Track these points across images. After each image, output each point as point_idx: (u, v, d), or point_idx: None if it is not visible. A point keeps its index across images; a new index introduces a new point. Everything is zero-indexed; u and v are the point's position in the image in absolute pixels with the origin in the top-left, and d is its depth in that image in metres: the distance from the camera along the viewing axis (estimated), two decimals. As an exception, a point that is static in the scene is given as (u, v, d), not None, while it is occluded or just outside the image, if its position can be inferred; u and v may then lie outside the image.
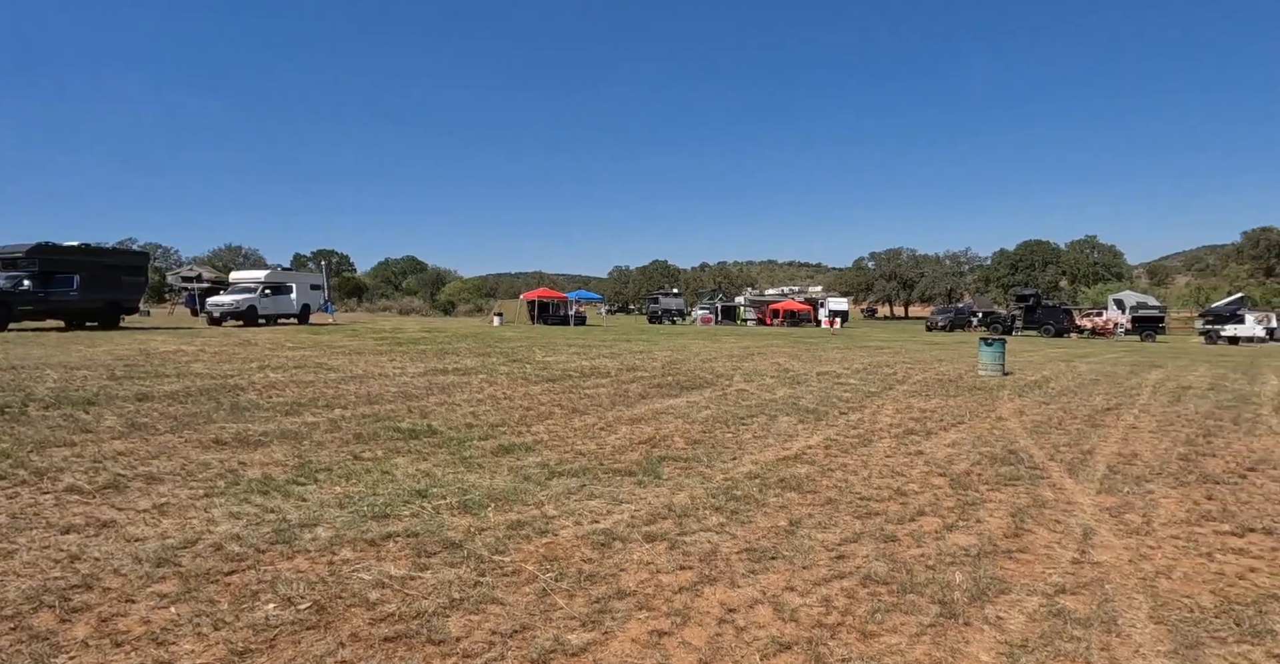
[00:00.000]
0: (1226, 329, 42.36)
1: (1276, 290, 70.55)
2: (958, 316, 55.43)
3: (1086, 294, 78.53)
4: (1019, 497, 5.95)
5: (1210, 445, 8.36)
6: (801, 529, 4.98)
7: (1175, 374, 17.73)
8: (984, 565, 4.38)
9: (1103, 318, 50.42)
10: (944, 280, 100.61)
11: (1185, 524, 5.37)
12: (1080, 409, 10.92)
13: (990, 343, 16.19)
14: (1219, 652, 3.44)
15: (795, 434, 8.40)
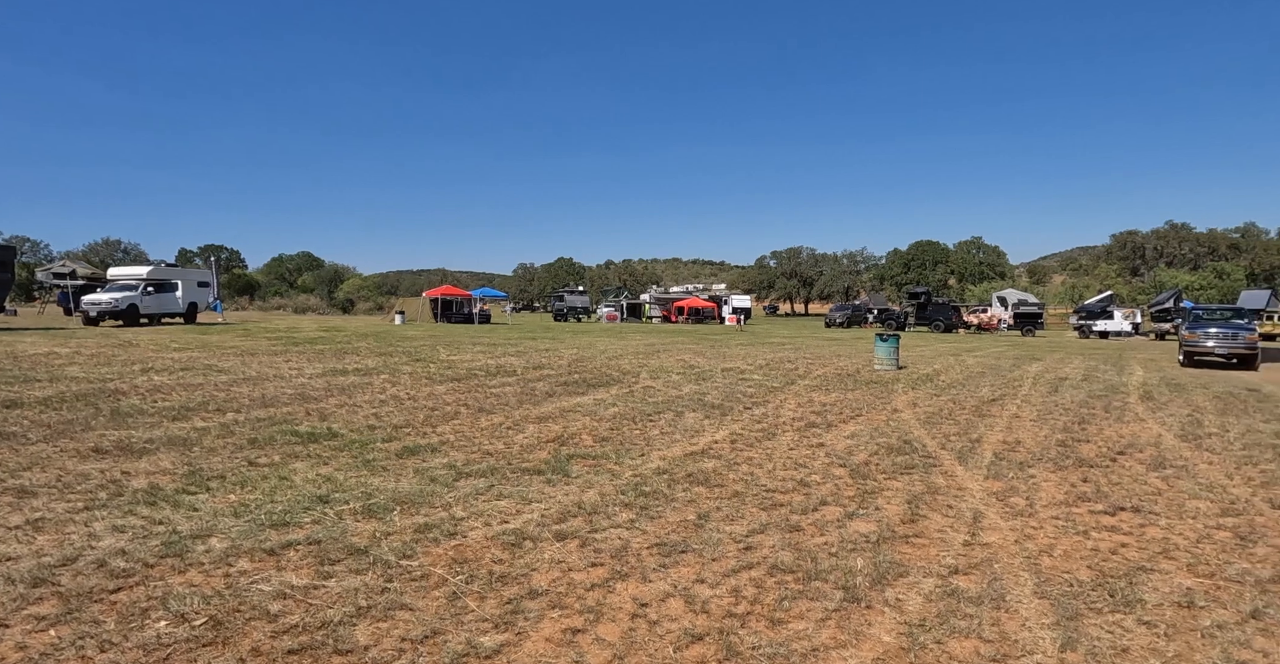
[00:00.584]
0: (1098, 324, 45.32)
1: (1140, 289, 75.84)
2: (855, 313, 57.41)
3: (973, 292, 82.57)
4: (914, 484, 6.24)
5: (1085, 432, 8.96)
6: (710, 522, 5.08)
7: (1053, 367, 18.90)
8: (883, 551, 4.57)
9: (988, 314, 53.13)
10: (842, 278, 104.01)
11: (1064, 505, 5.75)
12: (968, 400, 11.51)
13: (885, 339, 16.85)
14: (1096, 621, 3.71)
15: (702, 429, 8.54)
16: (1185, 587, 4.19)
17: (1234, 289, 63.35)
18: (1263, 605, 3.96)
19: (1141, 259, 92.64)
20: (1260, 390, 14.27)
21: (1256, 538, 5.11)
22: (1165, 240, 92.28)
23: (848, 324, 55.27)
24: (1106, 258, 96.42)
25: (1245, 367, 19.98)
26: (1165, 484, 6.52)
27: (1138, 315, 47.33)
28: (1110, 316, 45.62)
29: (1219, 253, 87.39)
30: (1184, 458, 7.63)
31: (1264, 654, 3.44)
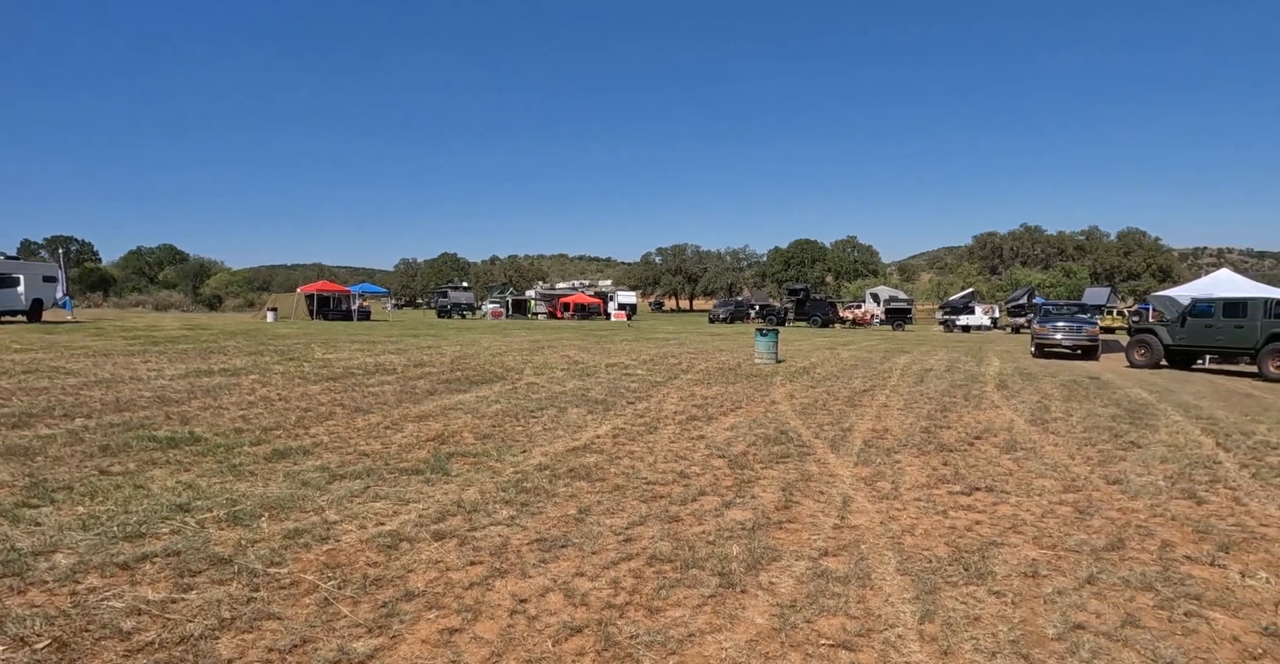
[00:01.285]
0: (960, 319, 48.15)
1: (999, 286, 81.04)
2: (738, 309, 58.85)
3: (848, 288, 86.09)
4: (789, 472, 6.48)
5: (946, 419, 9.53)
6: (590, 516, 5.11)
7: (919, 359, 19.98)
8: (758, 537, 4.73)
9: (861, 310, 55.59)
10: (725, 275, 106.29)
11: (925, 487, 6.11)
12: (842, 391, 12.03)
13: (765, 334, 17.37)
14: (952, 594, 3.96)
15: (584, 425, 8.57)
16: (1031, 558, 4.53)
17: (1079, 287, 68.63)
18: (1097, 571, 4.33)
19: (1000, 259, 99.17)
20: (1100, 378, 15.57)
21: (1093, 511, 5.58)
22: (1020, 241, 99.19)
23: (731, 320, 56.58)
24: (969, 257, 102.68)
25: (1088, 357, 21.73)
26: (1016, 465, 7.03)
27: (996, 311, 50.68)
28: (972, 312, 48.58)
29: (1066, 253, 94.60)
30: (1033, 441, 8.24)
31: (1097, 615, 3.76)
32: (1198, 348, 18.61)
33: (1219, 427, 9.55)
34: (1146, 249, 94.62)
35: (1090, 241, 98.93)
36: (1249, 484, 6.56)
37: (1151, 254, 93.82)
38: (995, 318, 49.12)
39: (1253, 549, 4.87)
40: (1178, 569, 4.45)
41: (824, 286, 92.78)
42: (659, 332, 36.01)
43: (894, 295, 56.78)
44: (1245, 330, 17.24)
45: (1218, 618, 3.81)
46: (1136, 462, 7.30)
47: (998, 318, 49.37)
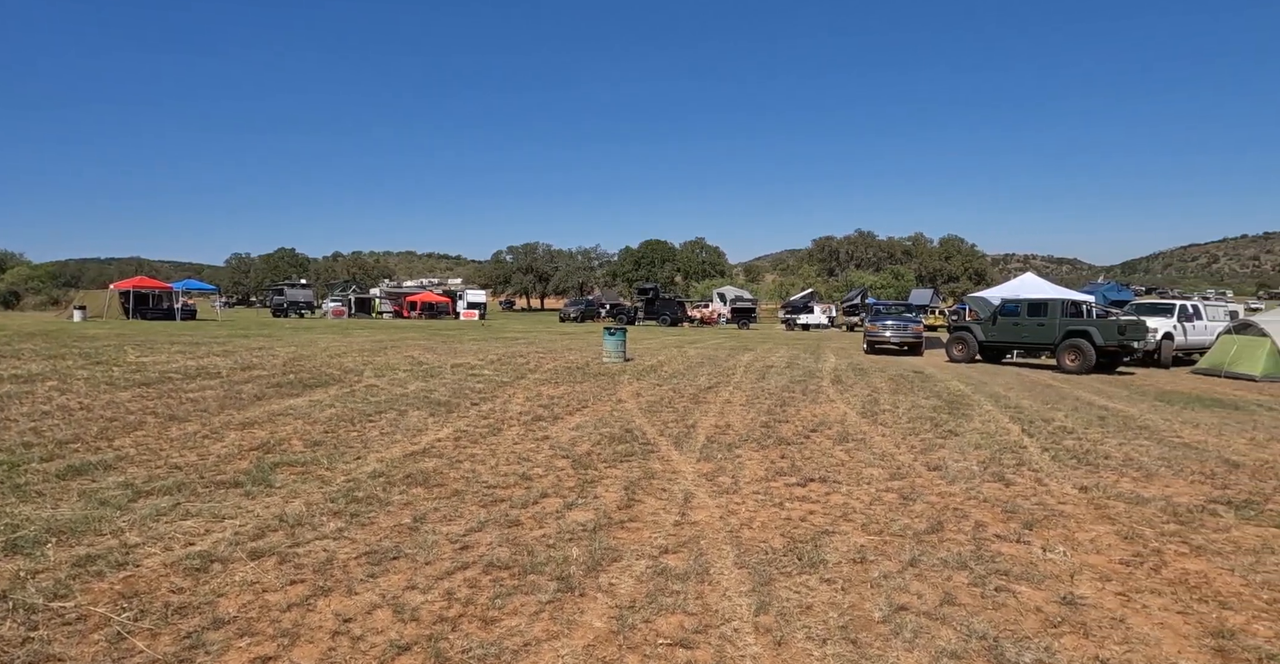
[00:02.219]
0: (801, 318, 50.41)
1: (836, 287, 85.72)
2: (588, 308, 58.99)
3: (697, 288, 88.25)
4: (632, 471, 6.48)
5: (785, 413, 9.88)
6: (426, 524, 4.88)
7: (762, 356, 20.73)
8: (600, 537, 4.67)
9: (709, 309, 57.15)
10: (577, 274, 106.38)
11: (764, 481, 6.27)
12: (687, 389, 12.25)
13: (613, 332, 17.44)
14: (786, 584, 4.05)
15: (425, 428, 8.24)
16: (860, 544, 4.72)
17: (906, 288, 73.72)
18: (919, 554, 4.57)
19: (837, 261, 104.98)
20: (924, 372, 16.70)
21: (916, 497, 5.92)
22: (855, 246, 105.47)
23: (581, 319, 56.63)
24: (809, 259, 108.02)
25: (913, 353, 23.28)
26: (848, 456, 7.37)
27: (833, 310, 53.46)
28: (811, 311, 50.98)
29: (895, 257, 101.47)
30: (863, 432, 8.69)
31: (918, 595, 3.96)
32: (1007, 344, 20.37)
33: (1024, 415, 10.44)
34: (964, 254, 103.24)
35: (916, 247, 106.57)
36: (1049, 466, 7.19)
37: (969, 259, 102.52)
38: (832, 317, 51.76)
39: (1052, 526, 5.31)
40: (989, 548, 4.77)
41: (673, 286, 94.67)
42: (508, 331, 35.49)
43: (740, 295, 58.72)
44: (1046, 328, 19.03)
45: (1023, 591, 4.10)
46: (954, 449, 7.84)
47: (834, 317, 52.04)
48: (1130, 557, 4.73)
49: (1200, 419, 10.69)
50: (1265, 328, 18.13)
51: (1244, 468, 7.43)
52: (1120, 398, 13.09)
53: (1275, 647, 3.54)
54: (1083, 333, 18.20)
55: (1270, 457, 8.08)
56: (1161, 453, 8.02)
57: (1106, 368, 18.53)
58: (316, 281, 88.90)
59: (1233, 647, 3.54)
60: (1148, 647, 3.51)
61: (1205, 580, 4.37)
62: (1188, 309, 22.64)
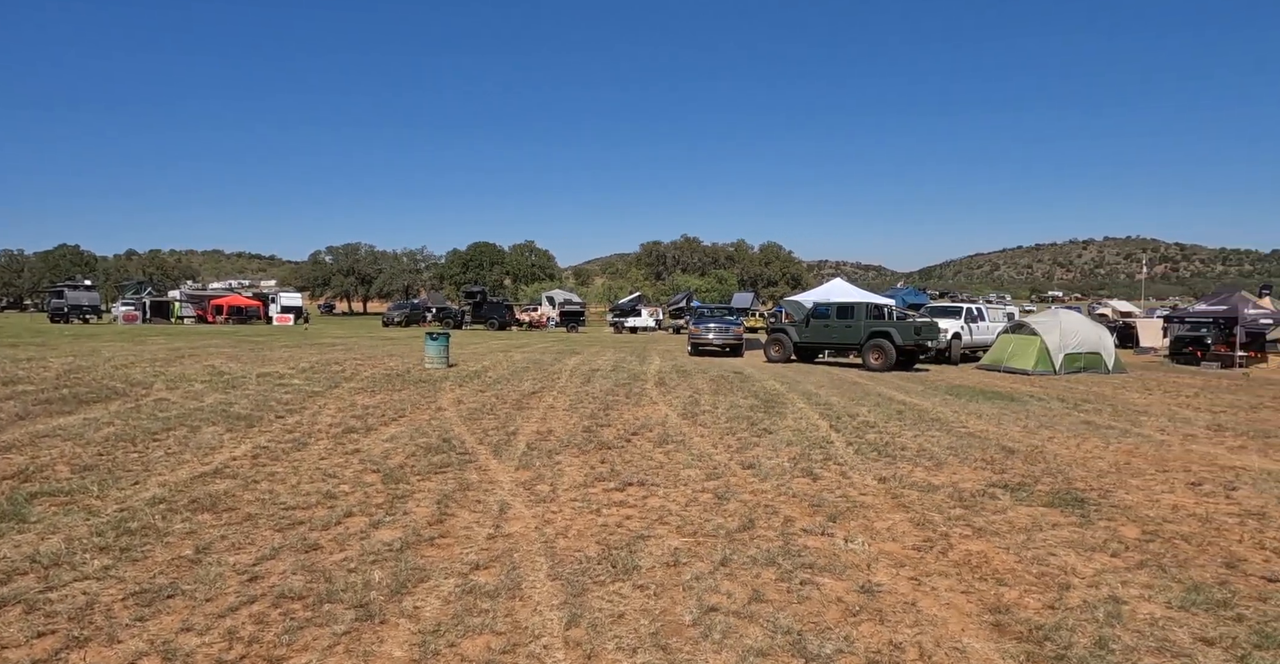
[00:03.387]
0: (629, 321, 51.17)
1: (662, 290, 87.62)
2: (414, 312, 56.98)
3: (526, 291, 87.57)
4: (447, 483, 6.22)
5: (608, 417, 9.90)
6: (211, 555, 4.41)
7: (589, 359, 20.78)
8: (406, 557, 4.41)
9: (538, 312, 56.82)
10: (402, 277, 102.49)
11: (582, 487, 6.21)
12: (511, 394, 12.02)
13: (436, 337, 16.87)
14: (599, 593, 3.99)
15: (220, 445, 7.54)
16: (674, 547, 4.75)
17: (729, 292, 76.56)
18: (730, 553, 4.65)
19: (663, 265, 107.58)
20: (743, 373, 17.36)
21: (730, 496, 6.06)
22: (681, 250, 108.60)
23: (406, 323, 54.63)
24: (636, 263, 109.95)
25: (734, 354, 24.18)
26: (667, 457, 7.46)
27: (660, 313, 54.70)
28: (639, 314, 51.89)
29: (719, 262, 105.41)
30: (683, 433, 8.85)
31: (728, 595, 4.01)
32: (819, 344, 21.61)
33: (832, 411, 11.05)
34: (782, 260, 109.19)
35: (738, 252, 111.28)
36: (853, 459, 7.61)
37: (786, 264, 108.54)
38: (659, 320, 52.93)
39: (855, 517, 5.59)
40: (796, 542, 4.95)
41: (502, 289, 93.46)
42: (326, 336, 33.53)
43: (569, 298, 58.82)
44: (853, 329, 20.36)
45: (826, 582, 4.26)
46: (768, 447, 8.14)
47: (661, 320, 53.27)
48: (922, 542, 5.06)
49: (983, 410, 11.76)
50: (1036, 328, 20.34)
51: (1018, 453, 8.21)
52: (916, 393, 14.18)
53: (1043, 617, 3.88)
54: (885, 334, 19.62)
55: (1040, 442, 8.98)
56: (950, 443, 8.71)
57: (905, 365, 20.08)
58: (105, 283, 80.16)
59: (1008, 620, 3.83)
60: (935, 627, 3.73)
61: (985, 560, 4.74)
62: (973, 312, 25.04)
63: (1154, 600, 4.18)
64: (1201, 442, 9.62)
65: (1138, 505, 6.23)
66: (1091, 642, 3.61)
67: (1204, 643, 3.67)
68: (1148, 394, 15.48)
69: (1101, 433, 9.93)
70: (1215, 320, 27.02)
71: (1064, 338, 19.83)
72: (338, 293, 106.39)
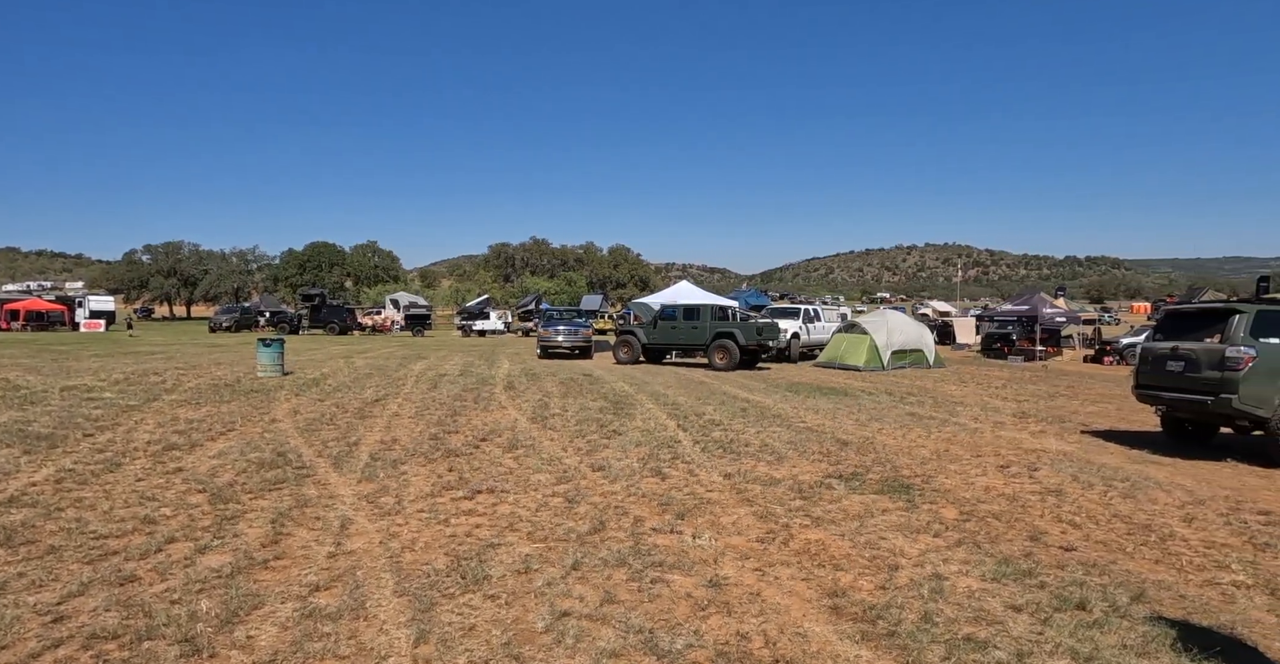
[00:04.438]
0: (477, 324, 50.25)
1: (511, 292, 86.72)
2: (244, 316, 53.40)
3: (368, 294, 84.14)
4: (283, 500, 5.86)
5: (456, 423, 9.68)
6: (5, 596, 3.94)
7: (436, 364, 20.24)
8: (238, 583, 4.12)
9: (382, 316, 54.73)
10: (231, 278, 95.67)
11: (430, 497, 6.04)
12: (353, 403, 11.51)
13: (269, 343, 15.89)
14: (449, 607, 3.89)
15: (15, 470, 6.74)
16: (525, 554, 4.71)
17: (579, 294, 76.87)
18: (582, 556, 4.66)
19: (513, 267, 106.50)
20: (592, 374, 17.46)
21: (581, 499, 6.07)
22: (530, 252, 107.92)
23: (237, 328, 51.11)
24: (485, 265, 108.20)
25: (584, 356, 24.29)
26: (516, 463, 7.38)
27: (509, 316, 54.08)
28: (487, 317, 51.06)
29: (569, 264, 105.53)
30: (533, 437, 8.78)
31: (580, 599, 4.02)
32: (667, 345, 22.11)
33: (680, 411, 11.32)
34: (631, 262, 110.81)
35: (588, 254, 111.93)
36: (700, 457, 7.83)
37: (635, 267, 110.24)
38: (508, 322, 52.35)
39: (702, 513, 5.76)
40: (646, 541, 5.03)
41: (343, 292, 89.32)
42: (144, 343, 30.78)
43: (414, 301, 57.09)
44: (699, 330, 20.96)
45: (676, 579, 4.36)
46: (617, 448, 8.23)
47: (510, 322, 52.70)
48: (765, 534, 5.28)
49: (820, 406, 12.42)
50: (866, 327, 21.76)
51: (852, 445, 8.73)
52: (759, 391, 14.78)
53: (875, 598, 4.14)
54: (729, 334, 20.32)
55: (870, 434, 9.59)
56: (790, 438, 9.14)
57: (749, 364, 20.90)
58: None
59: (844, 603, 4.06)
60: (779, 615, 3.90)
61: (823, 548, 5.01)
62: (810, 313, 26.46)
63: (970, 575, 4.56)
64: (1009, 428, 10.60)
65: (956, 489, 6.79)
66: (918, 617, 3.89)
67: (1013, 610, 4.04)
68: (963, 386, 16.90)
69: (924, 423, 10.74)
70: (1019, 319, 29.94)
71: (891, 336, 21.32)
72: (157, 296, 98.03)
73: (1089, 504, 6.39)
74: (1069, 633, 3.75)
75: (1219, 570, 4.83)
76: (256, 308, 56.92)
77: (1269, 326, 8.66)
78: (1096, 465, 8.03)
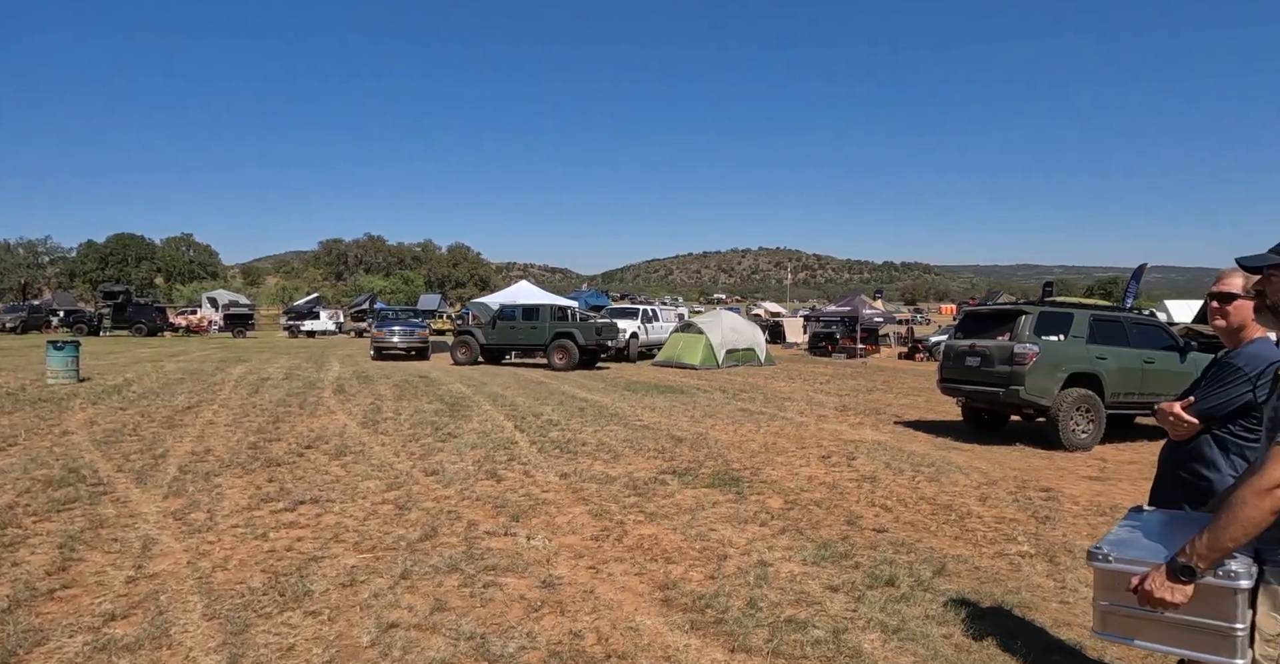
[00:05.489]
0: (306, 324, 47.60)
1: (344, 291, 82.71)
2: (33, 316, 47.79)
3: (182, 292, 77.73)
4: (74, 521, 5.29)
5: (278, 430, 9.12)
6: None
7: (258, 367, 18.98)
8: (17, 618, 3.67)
9: (197, 315, 50.70)
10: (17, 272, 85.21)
11: (247, 511, 5.65)
12: (160, 411, 10.57)
13: (61, 346, 14.31)
14: (265, 627, 3.65)
15: None
16: (350, 565, 4.50)
17: (416, 293, 74.49)
18: (411, 565, 4.52)
19: (345, 265, 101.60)
20: (429, 376, 16.99)
21: (412, 505, 5.89)
22: (365, 249, 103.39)
23: (23, 329, 45.63)
24: (315, 262, 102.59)
25: (420, 357, 23.59)
26: (344, 470, 7.05)
27: (341, 315, 51.61)
28: (317, 317, 48.48)
29: (405, 262, 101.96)
30: (363, 443, 8.43)
31: (409, 609, 3.90)
32: (506, 346, 21.87)
33: (518, 411, 11.23)
34: (471, 261, 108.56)
35: (426, 252, 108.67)
36: (536, 458, 7.80)
37: (474, 266, 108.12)
38: (340, 323, 49.98)
39: (537, 514, 5.74)
40: (479, 545, 4.95)
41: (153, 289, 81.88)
42: (-99, 352, 26.87)
43: (235, 300, 53.38)
44: (538, 331, 20.88)
45: (509, 582, 4.32)
46: (452, 451, 8.05)
47: (342, 323, 50.34)
48: (600, 532, 5.34)
49: (656, 404, 12.70)
50: (702, 327, 22.47)
51: (686, 441, 8.99)
52: (598, 390, 14.92)
53: (705, 587, 4.28)
54: (568, 334, 20.37)
55: (704, 430, 9.92)
56: (627, 436, 9.29)
57: (588, 364, 21.05)
58: None
59: (675, 595, 4.18)
60: (612, 611, 3.95)
61: (656, 542, 5.13)
62: (649, 312, 27.02)
63: (793, 560, 4.82)
64: (831, 421, 11.28)
65: (781, 479, 7.14)
66: (745, 603, 4.06)
67: (831, 590, 4.31)
68: (791, 383, 17.81)
69: (754, 418, 11.23)
70: (842, 319, 31.98)
71: (725, 336, 22.14)
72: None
73: (899, 489, 6.91)
74: (880, 608, 4.04)
75: (1008, 543, 5.37)
76: (48, 306, 51.11)
77: (1050, 326, 9.74)
78: (907, 453, 8.70)
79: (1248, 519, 1.82)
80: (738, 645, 3.57)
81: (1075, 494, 6.98)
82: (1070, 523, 5.96)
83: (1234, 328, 2.70)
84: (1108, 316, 10.40)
